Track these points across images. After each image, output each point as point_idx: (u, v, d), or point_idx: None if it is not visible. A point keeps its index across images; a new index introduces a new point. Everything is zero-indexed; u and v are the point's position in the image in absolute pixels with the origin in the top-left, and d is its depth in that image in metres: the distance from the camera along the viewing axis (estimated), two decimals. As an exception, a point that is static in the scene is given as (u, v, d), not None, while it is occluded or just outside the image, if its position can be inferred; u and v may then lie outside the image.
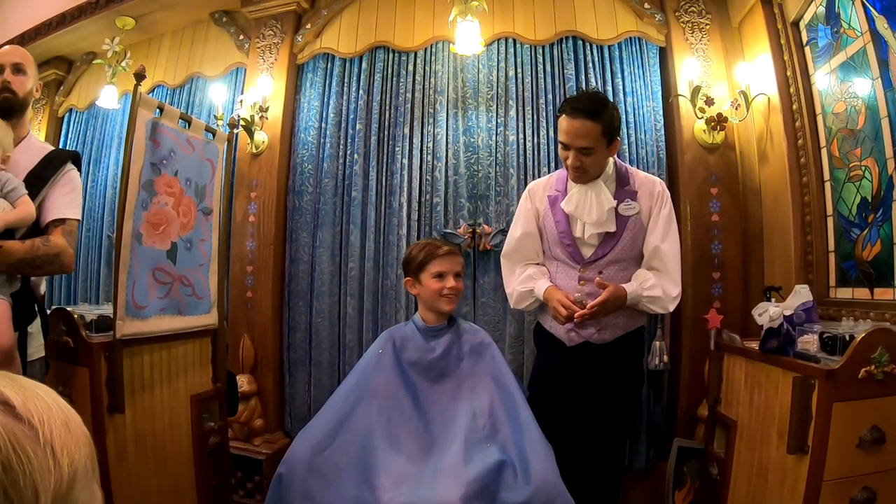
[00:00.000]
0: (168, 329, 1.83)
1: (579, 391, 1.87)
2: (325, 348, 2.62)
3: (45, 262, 1.44)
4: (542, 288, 1.87)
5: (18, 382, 0.45)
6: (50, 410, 0.44)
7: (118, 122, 3.27)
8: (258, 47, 2.83)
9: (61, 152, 1.58)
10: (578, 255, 1.87)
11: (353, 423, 1.70)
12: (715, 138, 2.32)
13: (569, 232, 1.87)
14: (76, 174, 1.58)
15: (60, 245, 1.47)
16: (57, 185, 1.53)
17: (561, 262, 1.91)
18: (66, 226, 1.51)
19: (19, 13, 3.31)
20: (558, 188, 1.93)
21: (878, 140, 1.67)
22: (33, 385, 0.46)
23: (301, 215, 2.70)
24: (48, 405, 0.44)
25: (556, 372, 1.90)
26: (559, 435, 1.80)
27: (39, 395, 0.45)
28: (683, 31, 2.44)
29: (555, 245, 1.91)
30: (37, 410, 0.43)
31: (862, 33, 1.73)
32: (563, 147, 1.79)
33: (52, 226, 1.50)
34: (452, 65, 2.62)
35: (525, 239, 1.95)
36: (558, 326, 1.87)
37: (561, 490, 1.51)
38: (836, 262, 1.91)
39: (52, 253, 1.44)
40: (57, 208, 1.51)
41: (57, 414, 0.44)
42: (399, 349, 1.86)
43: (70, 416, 0.46)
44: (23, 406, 0.42)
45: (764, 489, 1.53)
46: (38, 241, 1.44)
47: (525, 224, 1.96)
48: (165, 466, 1.80)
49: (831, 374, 1.32)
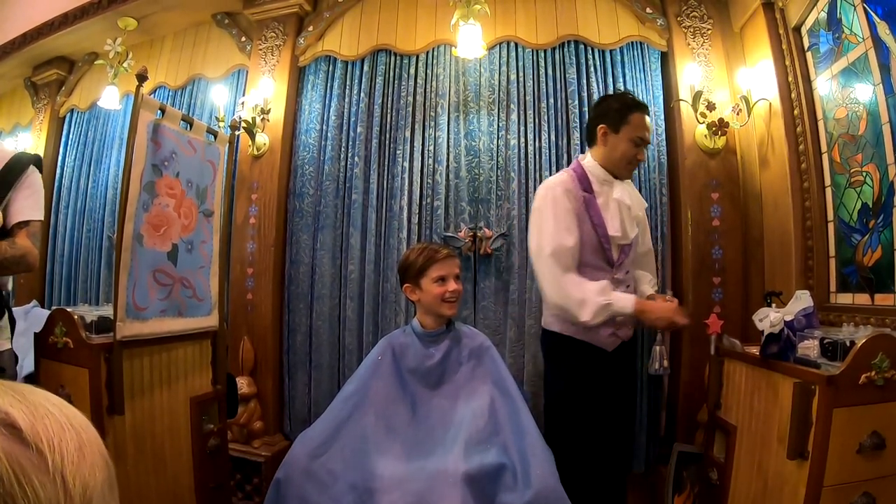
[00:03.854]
0: (168, 331, 1.82)
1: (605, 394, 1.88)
2: (324, 351, 2.61)
3: (12, 263, 1.51)
4: (630, 301, 1.74)
5: (29, 399, 0.41)
6: (62, 433, 0.40)
7: (119, 122, 3.27)
8: (260, 49, 2.83)
9: (22, 157, 1.61)
10: (611, 258, 1.85)
11: (351, 428, 1.70)
12: (716, 143, 2.33)
13: (607, 234, 1.83)
14: (38, 177, 1.63)
15: (26, 247, 1.53)
16: (20, 189, 1.57)
17: (592, 269, 1.82)
18: (30, 227, 1.57)
19: (21, 13, 3.32)
20: (585, 188, 1.86)
21: (880, 146, 1.67)
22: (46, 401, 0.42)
23: (302, 218, 2.70)
24: (61, 426, 0.40)
25: (589, 384, 1.85)
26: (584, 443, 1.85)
27: (52, 414, 0.41)
28: (685, 35, 2.45)
29: (591, 250, 1.83)
30: (46, 434, 0.39)
31: (863, 39, 1.73)
32: (636, 143, 1.84)
33: (16, 228, 1.55)
34: (454, 68, 2.62)
35: (576, 243, 1.80)
36: (597, 334, 1.83)
37: (561, 494, 1.51)
38: (836, 267, 1.91)
39: (18, 254, 1.50)
40: (21, 211, 1.56)
41: (70, 437, 0.40)
42: (398, 356, 1.86)
43: (86, 436, 0.42)
44: (31, 429, 0.38)
45: (763, 494, 1.53)
46: (5, 243, 1.49)
47: (573, 227, 1.80)
48: (164, 468, 1.79)
49: (832, 380, 1.31)
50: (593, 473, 1.90)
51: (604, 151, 1.90)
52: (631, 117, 1.85)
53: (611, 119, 1.87)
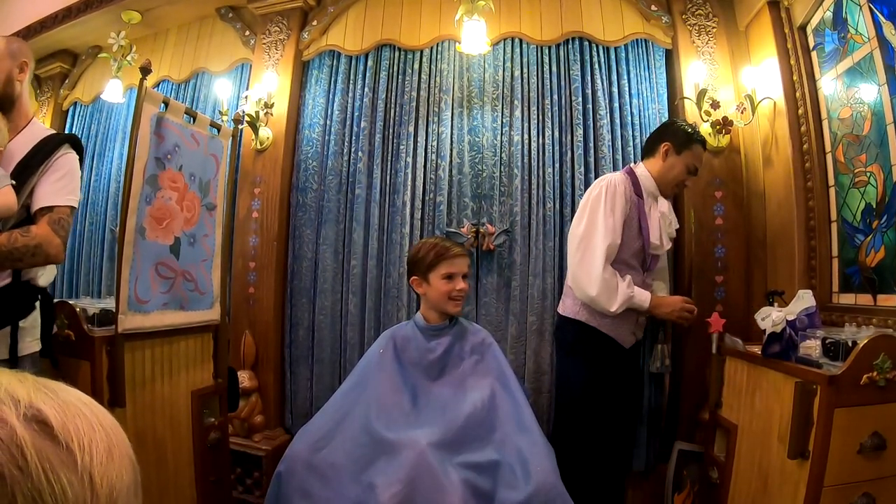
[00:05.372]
0: (170, 324, 1.83)
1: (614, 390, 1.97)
2: (326, 345, 2.62)
3: (26, 255, 1.36)
4: (647, 298, 1.91)
5: (62, 397, 0.41)
6: (93, 433, 0.40)
7: (123, 115, 3.27)
8: (264, 43, 2.83)
9: (54, 137, 1.48)
10: (646, 262, 2.00)
11: (352, 421, 1.71)
12: (720, 142, 2.32)
13: (649, 240, 1.97)
14: (72, 157, 1.49)
15: (41, 235, 1.38)
16: (48, 172, 1.44)
17: (628, 268, 1.96)
18: (53, 213, 1.42)
19: (25, 6, 3.31)
20: (637, 192, 1.99)
21: (884, 146, 1.66)
22: (78, 400, 0.42)
23: (305, 212, 2.70)
24: (91, 426, 0.40)
25: (609, 375, 1.96)
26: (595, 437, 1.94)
27: (83, 413, 0.40)
28: (690, 33, 2.44)
29: (633, 251, 1.96)
30: (77, 433, 0.38)
31: (869, 39, 1.72)
32: (690, 170, 2.01)
33: (38, 214, 1.42)
34: (458, 64, 2.61)
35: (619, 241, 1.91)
36: (621, 329, 1.97)
37: (560, 490, 1.51)
38: (839, 267, 1.91)
39: (31, 244, 1.36)
40: (45, 195, 1.42)
41: (100, 437, 0.40)
42: (400, 349, 1.86)
43: (116, 438, 0.42)
44: (62, 427, 0.38)
45: (764, 494, 1.53)
46: (17, 232, 1.36)
47: (620, 227, 1.91)
48: (165, 461, 1.80)
49: (833, 380, 1.31)
50: (597, 470, 1.92)
51: (661, 167, 2.02)
52: (695, 146, 2.00)
53: (678, 140, 2.00)
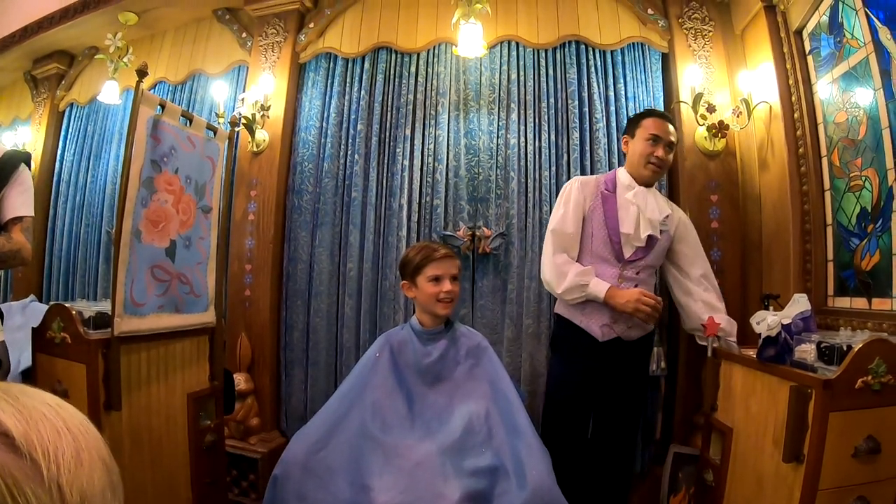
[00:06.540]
0: (166, 327, 1.82)
1: (602, 389, 1.98)
2: (322, 348, 2.61)
3: (9, 258, 1.57)
4: (603, 288, 1.91)
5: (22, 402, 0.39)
6: (58, 439, 0.38)
7: (119, 117, 3.26)
8: (260, 45, 2.83)
9: (14, 155, 1.65)
10: (620, 253, 1.97)
11: (348, 424, 1.70)
12: (716, 145, 2.33)
13: (617, 229, 1.97)
14: (28, 174, 1.68)
15: (21, 241, 1.60)
16: (13, 186, 1.62)
17: (600, 260, 1.99)
18: (23, 223, 1.62)
19: (22, 6, 3.30)
20: (608, 188, 2.04)
21: (879, 150, 1.67)
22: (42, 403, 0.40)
23: (301, 214, 2.69)
24: (56, 431, 0.38)
25: (583, 371, 1.97)
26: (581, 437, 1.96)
27: (46, 418, 0.38)
28: (686, 37, 2.45)
29: (600, 242, 1.99)
30: (41, 441, 0.37)
31: (865, 43, 1.73)
32: (652, 141, 1.98)
33: (11, 224, 1.61)
34: (454, 67, 2.62)
35: (577, 228, 2.00)
36: (591, 322, 1.97)
37: (556, 495, 1.51)
38: (834, 271, 1.92)
39: (14, 249, 1.57)
40: (14, 207, 1.61)
41: (66, 442, 0.38)
42: (396, 353, 1.86)
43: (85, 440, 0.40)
44: (24, 436, 0.36)
45: (759, 497, 1.53)
46: (2, 238, 1.56)
47: (577, 214, 2.01)
48: (161, 463, 1.79)
49: (828, 384, 1.32)
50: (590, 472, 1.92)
51: (628, 158, 2.08)
52: (643, 121, 2.03)
53: (629, 129, 2.09)
